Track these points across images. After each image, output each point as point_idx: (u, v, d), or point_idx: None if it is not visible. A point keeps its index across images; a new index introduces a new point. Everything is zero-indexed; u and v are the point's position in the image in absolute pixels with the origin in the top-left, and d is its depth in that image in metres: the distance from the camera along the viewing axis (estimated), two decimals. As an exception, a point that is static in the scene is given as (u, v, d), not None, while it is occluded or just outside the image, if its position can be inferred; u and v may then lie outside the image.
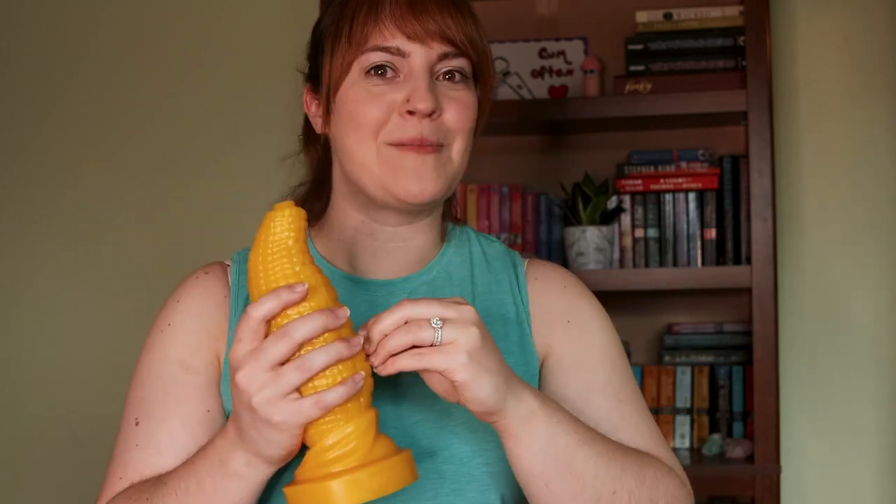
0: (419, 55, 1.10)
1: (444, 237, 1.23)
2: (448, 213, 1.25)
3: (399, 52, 1.10)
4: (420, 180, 1.10)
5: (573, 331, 1.18)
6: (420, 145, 1.10)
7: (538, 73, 2.58)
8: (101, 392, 2.66)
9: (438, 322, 0.96)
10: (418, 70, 1.10)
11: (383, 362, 0.97)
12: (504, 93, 2.57)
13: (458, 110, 1.12)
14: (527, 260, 1.24)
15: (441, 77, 1.12)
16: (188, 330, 1.15)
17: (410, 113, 1.09)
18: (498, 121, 2.44)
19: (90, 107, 2.76)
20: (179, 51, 2.75)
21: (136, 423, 1.12)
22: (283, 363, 0.93)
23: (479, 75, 1.15)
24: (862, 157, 2.51)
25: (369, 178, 1.12)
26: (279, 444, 0.96)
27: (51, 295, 2.75)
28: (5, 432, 2.75)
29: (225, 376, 1.14)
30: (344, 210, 1.18)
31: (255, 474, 1.00)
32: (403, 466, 0.97)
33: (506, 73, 2.58)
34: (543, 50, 2.58)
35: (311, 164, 1.25)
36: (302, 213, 0.98)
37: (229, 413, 1.13)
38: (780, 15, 2.53)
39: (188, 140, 2.73)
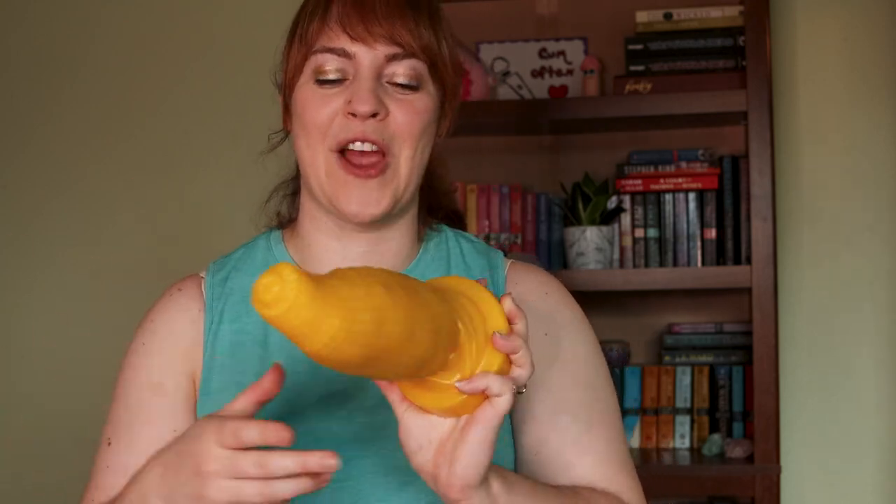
0: (363, 56, 1.07)
1: (421, 237, 1.19)
2: (427, 210, 1.21)
3: (344, 54, 1.08)
4: (363, 204, 1.07)
5: (549, 346, 1.13)
6: (365, 167, 1.07)
7: (538, 73, 2.58)
8: (101, 392, 2.64)
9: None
10: (362, 72, 1.07)
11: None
12: (504, 93, 2.57)
13: (406, 114, 1.08)
14: (510, 261, 1.19)
15: (393, 82, 1.08)
16: (160, 350, 1.14)
17: (353, 115, 1.07)
18: (498, 121, 2.44)
19: (89, 107, 2.76)
20: (178, 50, 2.75)
21: (108, 443, 1.14)
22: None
23: (438, 78, 1.11)
24: (862, 156, 2.51)
25: (318, 184, 1.10)
26: None
27: (50, 295, 2.75)
28: (4, 432, 2.75)
29: (202, 394, 1.12)
30: (312, 213, 1.15)
31: None
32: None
33: (506, 73, 2.58)
34: (543, 50, 2.58)
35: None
36: None
37: None
38: (780, 15, 2.53)
39: (187, 139, 2.73)
